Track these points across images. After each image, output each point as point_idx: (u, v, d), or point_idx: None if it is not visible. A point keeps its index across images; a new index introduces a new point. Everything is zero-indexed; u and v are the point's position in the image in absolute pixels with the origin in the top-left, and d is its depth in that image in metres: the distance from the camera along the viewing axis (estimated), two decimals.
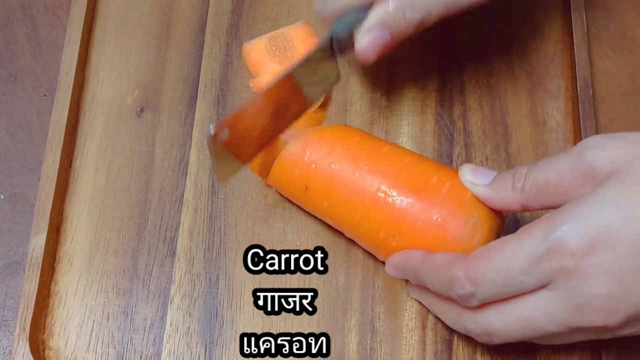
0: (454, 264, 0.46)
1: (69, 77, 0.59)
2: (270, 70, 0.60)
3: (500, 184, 0.48)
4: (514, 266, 0.44)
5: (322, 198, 0.52)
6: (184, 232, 0.57)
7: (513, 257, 0.44)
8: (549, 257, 0.43)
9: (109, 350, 0.54)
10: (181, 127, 0.60)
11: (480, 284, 0.45)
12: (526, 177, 0.47)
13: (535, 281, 0.43)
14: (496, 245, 0.45)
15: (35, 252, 0.55)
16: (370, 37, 0.51)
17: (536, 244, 0.43)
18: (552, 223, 0.43)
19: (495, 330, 0.46)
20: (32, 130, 0.62)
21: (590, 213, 0.42)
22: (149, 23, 0.63)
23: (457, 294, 0.46)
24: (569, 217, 0.43)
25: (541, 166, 0.46)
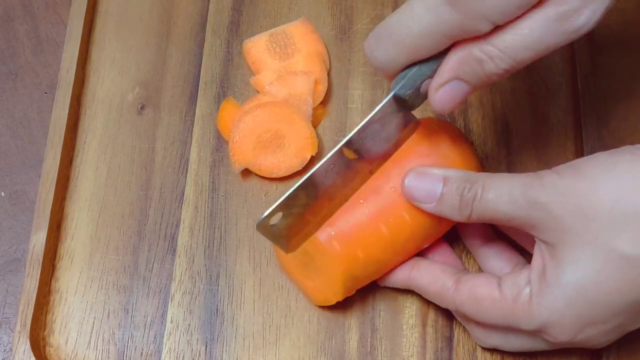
0: (444, 297, 0.50)
1: (70, 75, 0.59)
2: (271, 67, 0.60)
3: (447, 206, 0.48)
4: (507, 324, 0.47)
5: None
6: (185, 229, 0.57)
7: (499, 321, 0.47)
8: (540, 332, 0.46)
9: (109, 347, 0.54)
10: (182, 124, 0.60)
11: (473, 320, 0.49)
12: (472, 209, 0.46)
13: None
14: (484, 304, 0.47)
15: (36, 250, 0.55)
16: (447, 91, 0.45)
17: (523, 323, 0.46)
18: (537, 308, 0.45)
19: (502, 347, 0.51)
20: (32, 128, 0.62)
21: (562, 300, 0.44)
22: (149, 20, 0.63)
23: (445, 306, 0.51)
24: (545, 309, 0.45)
25: (487, 200, 0.46)
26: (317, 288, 0.52)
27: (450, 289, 0.49)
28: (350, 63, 0.61)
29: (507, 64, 0.42)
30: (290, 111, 0.57)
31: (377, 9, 0.62)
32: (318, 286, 0.52)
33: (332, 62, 0.61)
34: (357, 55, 0.61)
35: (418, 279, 0.51)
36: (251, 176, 0.58)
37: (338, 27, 0.62)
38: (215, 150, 0.59)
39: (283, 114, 0.57)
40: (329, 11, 0.62)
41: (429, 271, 0.51)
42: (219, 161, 0.58)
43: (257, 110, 0.57)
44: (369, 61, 0.46)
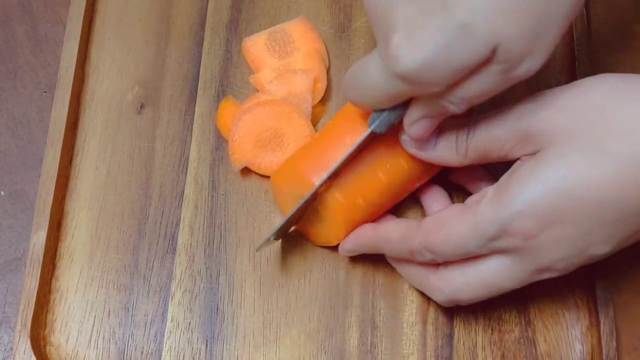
0: (408, 238, 0.49)
1: (69, 74, 0.59)
2: (270, 65, 0.60)
3: (443, 151, 0.49)
4: (467, 244, 0.46)
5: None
6: (185, 228, 0.57)
7: (466, 237, 0.46)
8: (500, 237, 0.45)
9: (110, 346, 0.54)
10: (181, 123, 0.60)
11: (438, 253, 0.47)
12: (468, 144, 0.48)
13: (490, 250, 0.46)
14: (449, 220, 0.47)
15: (36, 249, 0.55)
16: (419, 127, 0.48)
17: (488, 227, 0.45)
18: (501, 206, 0.44)
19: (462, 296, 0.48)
20: (32, 127, 0.62)
21: (535, 190, 0.43)
22: (148, 19, 0.63)
23: (418, 260, 0.49)
24: (516, 197, 0.44)
25: (480, 133, 0.48)
26: (318, 232, 0.54)
27: (415, 226, 0.49)
28: (349, 61, 0.61)
29: (466, 107, 0.45)
30: (289, 109, 0.57)
31: None
32: (319, 230, 0.54)
33: (332, 60, 0.61)
34: (356, 53, 0.61)
35: (382, 230, 0.51)
36: (251, 175, 0.58)
37: (337, 25, 0.62)
38: (215, 149, 0.59)
39: (282, 112, 0.57)
40: (328, 9, 0.62)
41: (394, 221, 0.52)
42: (219, 160, 0.58)
43: (256, 109, 0.57)
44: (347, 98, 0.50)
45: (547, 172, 0.43)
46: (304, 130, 0.57)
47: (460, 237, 0.46)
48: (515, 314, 0.54)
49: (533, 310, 0.54)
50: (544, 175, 0.43)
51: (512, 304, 0.54)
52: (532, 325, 0.54)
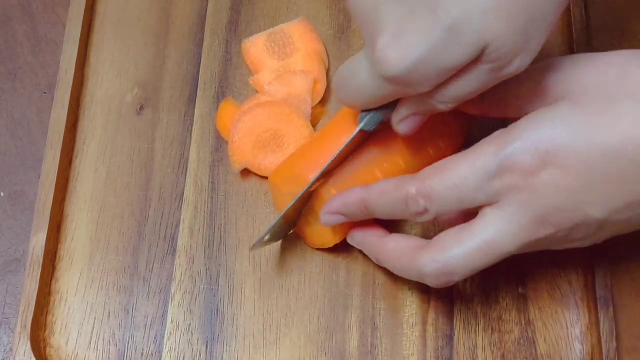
0: (405, 183, 0.46)
1: (69, 75, 0.59)
2: (270, 67, 0.60)
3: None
4: (467, 183, 0.44)
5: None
6: (185, 229, 0.57)
7: (465, 173, 0.44)
8: (500, 174, 0.43)
9: (110, 348, 0.54)
10: (181, 124, 0.60)
11: (434, 199, 0.45)
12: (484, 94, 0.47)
13: (485, 198, 0.44)
14: (448, 163, 0.45)
15: (36, 250, 0.55)
16: (407, 123, 0.48)
17: (488, 161, 0.44)
18: (503, 140, 0.44)
19: (456, 267, 0.46)
20: (32, 128, 0.62)
21: (541, 130, 0.43)
22: (148, 20, 0.63)
23: (410, 212, 0.46)
24: (519, 135, 0.43)
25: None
26: (316, 233, 0.54)
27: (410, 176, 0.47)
28: None
29: (455, 105, 0.45)
30: (289, 111, 0.57)
31: None
32: (316, 231, 0.54)
33: (331, 61, 0.61)
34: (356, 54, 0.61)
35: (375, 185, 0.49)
36: (251, 176, 0.58)
37: (337, 26, 0.62)
38: (215, 150, 0.59)
39: (282, 113, 0.57)
40: (327, 10, 0.62)
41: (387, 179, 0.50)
42: (219, 161, 0.58)
43: (256, 110, 0.57)
44: (337, 96, 0.50)
45: (557, 117, 0.43)
46: (304, 131, 0.57)
47: (459, 175, 0.44)
48: (515, 314, 0.54)
49: (533, 310, 0.54)
50: (554, 119, 0.43)
51: (512, 304, 0.54)
52: (532, 325, 0.54)
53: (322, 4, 0.63)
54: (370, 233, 0.52)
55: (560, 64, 0.46)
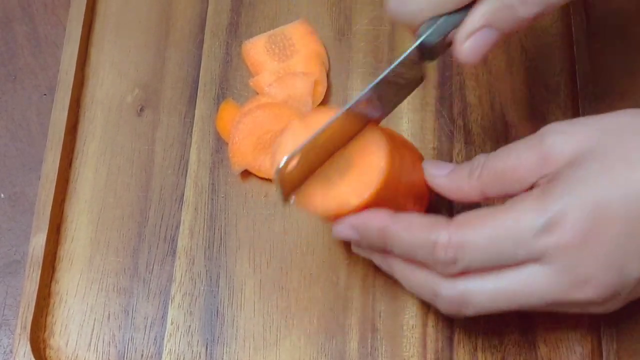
0: (438, 226, 0.43)
1: (69, 76, 0.59)
2: (270, 68, 0.60)
3: (457, 174, 0.47)
4: (509, 237, 0.42)
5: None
6: (185, 230, 0.57)
7: (509, 227, 0.42)
8: (549, 232, 0.41)
9: (110, 349, 0.54)
10: (181, 126, 0.60)
11: (468, 251, 0.42)
12: (483, 165, 0.45)
13: (527, 255, 0.42)
14: (488, 213, 0.43)
15: (36, 251, 0.55)
16: (476, 40, 0.44)
17: (534, 217, 0.41)
18: (548, 197, 0.42)
19: (473, 301, 0.44)
20: (32, 129, 0.62)
21: (586, 185, 0.41)
22: (148, 22, 0.63)
23: (437, 259, 0.43)
24: (566, 191, 0.42)
25: (499, 153, 0.45)
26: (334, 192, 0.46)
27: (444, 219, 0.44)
28: (349, 64, 0.61)
29: (539, 8, 0.42)
30: (289, 112, 0.57)
31: (375, 9, 0.62)
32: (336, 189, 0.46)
33: (332, 63, 0.61)
34: (357, 56, 0.61)
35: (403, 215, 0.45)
36: (251, 177, 0.58)
37: (337, 28, 0.62)
38: (215, 151, 0.59)
39: (282, 115, 0.57)
40: (327, 12, 0.62)
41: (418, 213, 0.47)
42: (219, 163, 0.58)
43: (256, 112, 0.57)
44: (393, 15, 0.46)
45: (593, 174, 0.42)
46: None
47: (502, 227, 0.42)
48: (515, 317, 0.54)
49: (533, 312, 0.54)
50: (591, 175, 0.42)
51: None
52: (532, 327, 0.54)
53: (323, 6, 0.63)
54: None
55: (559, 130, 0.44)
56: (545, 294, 0.43)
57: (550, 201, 0.41)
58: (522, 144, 0.45)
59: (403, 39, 0.61)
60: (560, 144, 0.43)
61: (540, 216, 0.41)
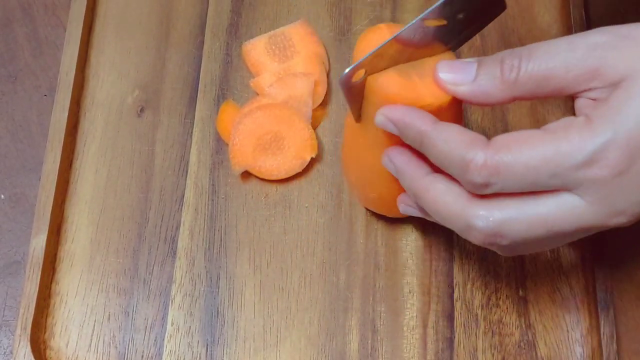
0: (476, 145, 0.42)
1: (69, 77, 0.59)
2: (270, 69, 0.60)
3: (485, 79, 0.44)
4: (546, 167, 0.41)
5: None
6: (185, 231, 0.57)
7: (548, 157, 0.40)
8: (587, 166, 0.40)
9: (110, 350, 0.54)
10: (181, 126, 0.60)
11: (503, 176, 0.41)
12: (520, 69, 0.43)
13: (562, 184, 0.41)
14: (528, 139, 0.41)
15: (36, 252, 0.55)
16: None
17: (575, 150, 0.40)
18: (592, 130, 0.40)
19: (510, 231, 0.42)
20: (32, 130, 0.62)
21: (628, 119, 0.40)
22: (148, 23, 0.63)
23: (469, 180, 0.42)
24: (608, 126, 0.40)
25: (539, 56, 0.42)
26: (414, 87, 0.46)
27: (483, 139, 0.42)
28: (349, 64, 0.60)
29: None
30: (290, 113, 0.57)
31: (375, 10, 0.62)
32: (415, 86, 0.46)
33: (332, 63, 0.61)
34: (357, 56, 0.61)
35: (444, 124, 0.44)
36: (251, 178, 0.58)
37: (337, 28, 0.62)
38: (215, 152, 0.59)
39: (283, 115, 0.57)
40: (327, 13, 0.62)
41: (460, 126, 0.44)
42: (219, 163, 0.58)
43: (256, 113, 0.57)
44: None
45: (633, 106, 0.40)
46: (304, 133, 0.57)
47: (540, 156, 0.40)
48: (515, 317, 0.54)
49: (533, 313, 0.54)
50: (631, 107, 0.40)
51: (512, 307, 0.54)
52: (533, 328, 0.54)
53: (322, 6, 0.63)
54: (414, 165, 0.46)
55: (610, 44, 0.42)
56: (581, 221, 0.42)
57: (594, 135, 0.40)
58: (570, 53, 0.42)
59: None
60: (613, 61, 0.41)
61: (581, 150, 0.40)
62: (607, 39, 0.42)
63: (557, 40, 0.43)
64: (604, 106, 0.41)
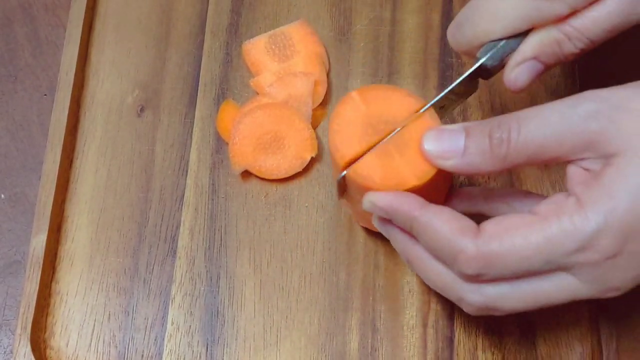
0: (465, 235, 0.41)
1: (69, 77, 0.59)
2: (270, 68, 0.60)
3: (476, 153, 0.43)
4: (540, 256, 0.40)
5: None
6: (185, 231, 0.57)
7: (541, 246, 0.40)
8: (581, 252, 0.40)
9: (110, 350, 0.54)
10: (181, 126, 0.60)
11: (495, 267, 0.41)
12: (510, 142, 0.42)
13: (556, 268, 0.41)
14: (519, 227, 0.41)
15: (36, 252, 0.55)
16: (523, 70, 0.47)
17: (568, 237, 0.40)
18: (584, 215, 0.40)
19: (503, 304, 0.43)
20: (32, 130, 0.62)
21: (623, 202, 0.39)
22: (148, 22, 0.63)
23: (460, 271, 0.42)
24: (601, 209, 0.40)
25: (530, 130, 0.42)
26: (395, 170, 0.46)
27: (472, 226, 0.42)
28: (349, 64, 0.61)
29: (583, 44, 0.44)
30: (290, 113, 0.57)
31: (375, 10, 0.62)
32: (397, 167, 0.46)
33: (332, 63, 0.61)
34: (357, 56, 0.61)
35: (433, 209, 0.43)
36: (251, 178, 0.58)
37: (337, 28, 0.62)
38: (215, 152, 0.59)
39: (283, 115, 0.57)
40: (327, 13, 0.62)
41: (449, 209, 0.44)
42: (219, 163, 0.58)
43: (256, 112, 0.57)
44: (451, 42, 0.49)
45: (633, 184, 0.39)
46: (304, 133, 0.57)
47: (534, 248, 0.40)
48: (515, 316, 0.54)
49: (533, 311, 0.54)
50: (631, 186, 0.39)
51: None
52: (532, 326, 0.54)
53: (322, 6, 0.63)
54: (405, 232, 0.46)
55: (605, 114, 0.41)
56: (576, 296, 0.42)
57: (586, 221, 0.40)
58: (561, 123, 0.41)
59: (403, 39, 0.61)
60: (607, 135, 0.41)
61: (574, 238, 0.40)
62: (599, 108, 0.41)
63: (546, 109, 0.42)
64: (595, 185, 0.40)
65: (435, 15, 0.62)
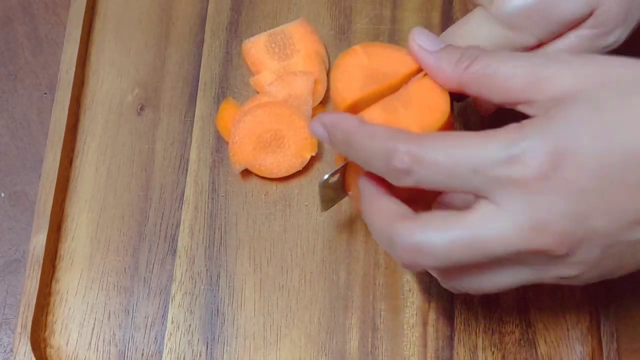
0: (400, 137, 0.42)
1: (69, 76, 0.59)
2: (270, 67, 0.60)
3: (446, 55, 0.46)
4: (469, 160, 0.40)
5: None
6: (185, 230, 0.57)
7: (471, 151, 0.40)
8: (509, 164, 0.40)
9: (110, 349, 0.54)
10: (181, 125, 0.60)
11: (425, 163, 0.41)
12: (475, 59, 0.44)
13: (483, 185, 0.40)
14: (454, 135, 0.42)
15: (36, 251, 0.55)
16: None
17: (499, 147, 0.40)
18: (520, 132, 0.40)
19: (431, 249, 0.41)
20: (32, 129, 0.62)
21: (560, 129, 0.40)
22: (148, 21, 0.63)
23: (392, 167, 0.42)
24: (539, 130, 0.40)
25: (496, 55, 0.44)
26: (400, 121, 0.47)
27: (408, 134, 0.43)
28: None
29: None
30: (290, 111, 0.57)
31: (375, 8, 0.62)
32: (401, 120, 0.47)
33: (332, 62, 0.61)
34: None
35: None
36: (251, 176, 0.58)
37: (337, 27, 0.62)
38: (215, 150, 0.59)
39: (283, 114, 0.57)
40: (327, 11, 0.62)
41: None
42: (219, 162, 0.58)
43: (256, 111, 0.57)
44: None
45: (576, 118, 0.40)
46: (305, 132, 0.57)
47: (464, 150, 0.41)
48: (515, 316, 0.54)
49: (533, 311, 0.54)
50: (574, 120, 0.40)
51: (512, 305, 0.54)
52: (533, 326, 0.54)
53: (322, 5, 0.63)
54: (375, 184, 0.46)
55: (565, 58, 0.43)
56: (504, 240, 0.40)
57: (522, 137, 0.40)
58: (524, 59, 0.43)
59: (403, 37, 0.61)
60: (561, 78, 0.42)
61: (505, 148, 0.40)
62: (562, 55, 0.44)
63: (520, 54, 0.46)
64: (540, 117, 0.41)
65: (435, 13, 0.62)
